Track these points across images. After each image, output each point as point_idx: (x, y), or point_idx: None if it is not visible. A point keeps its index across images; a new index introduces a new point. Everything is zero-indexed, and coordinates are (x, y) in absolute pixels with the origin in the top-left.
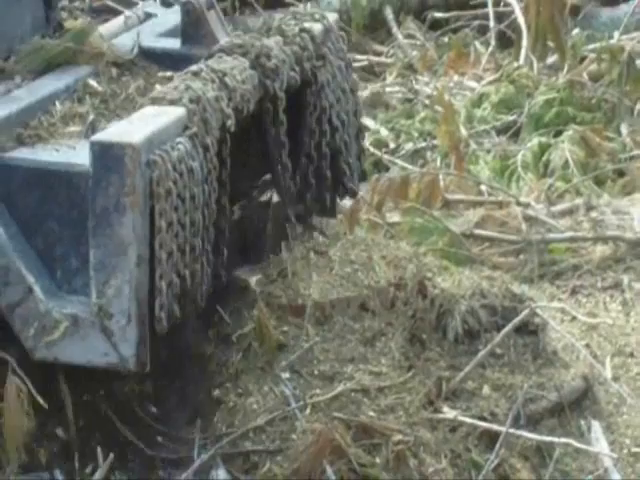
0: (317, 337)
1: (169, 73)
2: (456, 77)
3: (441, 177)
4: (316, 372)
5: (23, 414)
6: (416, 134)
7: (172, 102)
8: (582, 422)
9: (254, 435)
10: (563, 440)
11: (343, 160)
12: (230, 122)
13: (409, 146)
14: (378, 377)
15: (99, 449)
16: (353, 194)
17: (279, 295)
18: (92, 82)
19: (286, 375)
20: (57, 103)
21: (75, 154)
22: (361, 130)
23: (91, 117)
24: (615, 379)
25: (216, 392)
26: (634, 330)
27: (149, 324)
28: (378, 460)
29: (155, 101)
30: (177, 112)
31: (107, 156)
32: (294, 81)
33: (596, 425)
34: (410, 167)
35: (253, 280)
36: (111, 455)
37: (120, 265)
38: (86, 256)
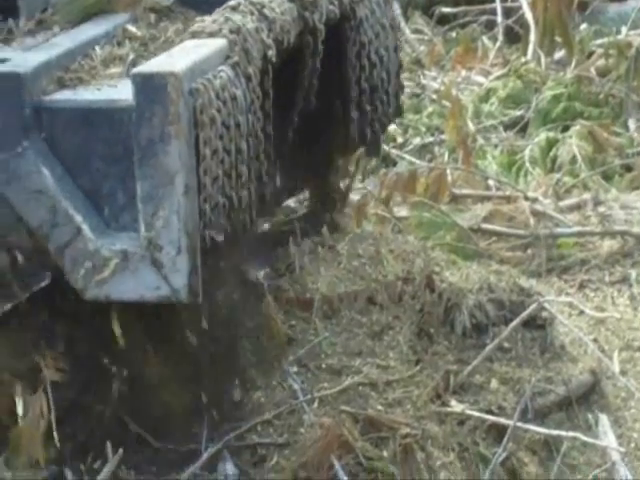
0: (325, 331)
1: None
2: (464, 72)
3: (449, 172)
4: (324, 366)
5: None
6: (424, 129)
7: (212, 34)
8: (590, 416)
9: (262, 429)
10: (571, 434)
11: (378, 97)
12: (271, 52)
13: (417, 141)
14: (386, 371)
15: (108, 444)
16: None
17: (287, 289)
18: (131, 27)
19: (294, 369)
20: (97, 48)
21: (117, 91)
22: (401, 66)
23: (131, 57)
24: (623, 373)
25: (224, 386)
26: None
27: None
28: (386, 453)
29: (195, 35)
30: (218, 43)
31: (149, 87)
32: (333, 15)
33: (604, 419)
34: (418, 162)
35: (261, 274)
36: (120, 451)
37: (167, 195)
38: (133, 192)
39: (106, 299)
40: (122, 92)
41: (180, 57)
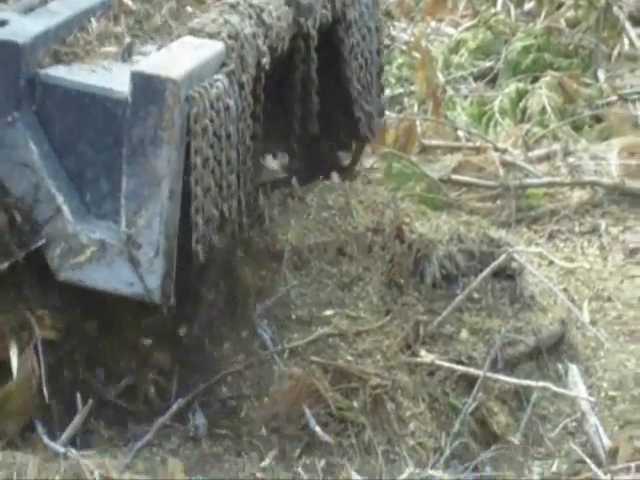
0: (295, 282)
1: None
2: (433, 23)
3: (418, 123)
4: (293, 317)
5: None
6: (393, 80)
7: (211, 35)
8: (560, 366)
9: (232, 380)
10: (541, 384)
11: (364, 99)
12: (265, 60)
13: (386, 92)
14: (355, 321)
15: (78, 395)
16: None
17: (257, 240)
18: (126, 0)
19: (263, 320)
20: (93, 20)
21: (112, 78)
22: (382, 69)
23: (127, 39)
24: (592, 323)
25: (192, 339)
26: (611, 274)
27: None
28: (356, 404)
29: (194, 32)
30: (216, 47)
31: (147, 88)
32: (325, 19)
33: (573, 369)
34: (387, 113)
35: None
36: (90, 401)
37: (152, 197)
38: (117, 182)
39: (79, 283)
40: (117, 80)
41: (179, 59)
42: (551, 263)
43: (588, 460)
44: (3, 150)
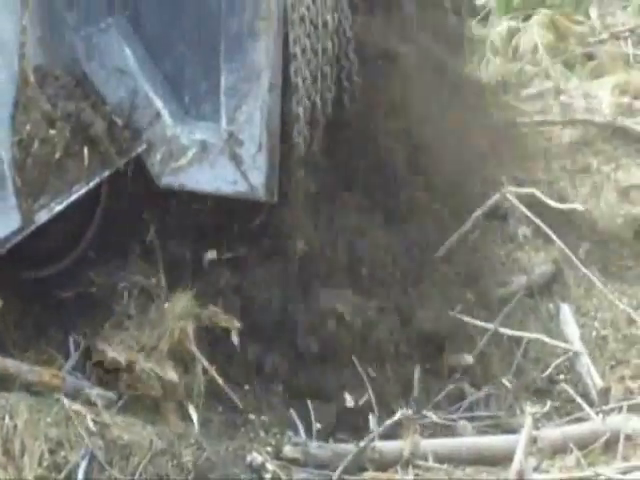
0: None
1: None
2: None
3: None
4: None
5: None
6: None
7: None
8: (551, 305)
9: None
10: (534, 335)
11: None
12: None
13: None
14: None
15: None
16: None
17: None
18: None
19: None
20: None
21: None
22: None
23: None
24: (586, 263)
25: None
26: (604, 214)
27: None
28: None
29: None
30: None
31: None
32: None
33: (565, 308)
34: None
35: None
36: (82, 344)
37: (252, 91)
38: (216, 81)
39: (180, 188)
40: None
41: None
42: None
43: (579, 399)
44: (98, 57)
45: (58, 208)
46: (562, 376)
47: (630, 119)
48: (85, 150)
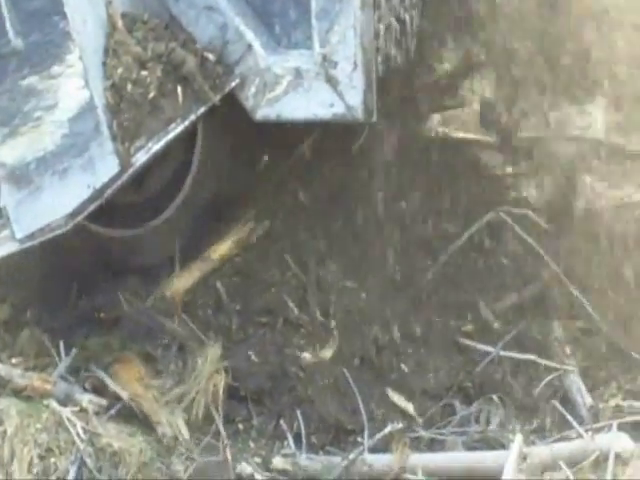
0: None
1: None
2: None
3: None
4: None
5: None
6: None
7: None
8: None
9: None
10: (527, 356)
11: None
12: None
13: None
14: None
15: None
16: None
17: None
18: None
19: None
20: None
21: None
22: None
23: None
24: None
25: None
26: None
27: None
28: None
29: None
30: None
31: None
32: None
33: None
34: None
35: None
36: (73, 350)
37: (344, 10)
38: (306, 7)
39: (277, 118)
40: None
41: None
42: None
43: (569, 417)
44: None
45: (155, 147)
46: (552, 394)
47: (624, 137)
48: (179, 88)
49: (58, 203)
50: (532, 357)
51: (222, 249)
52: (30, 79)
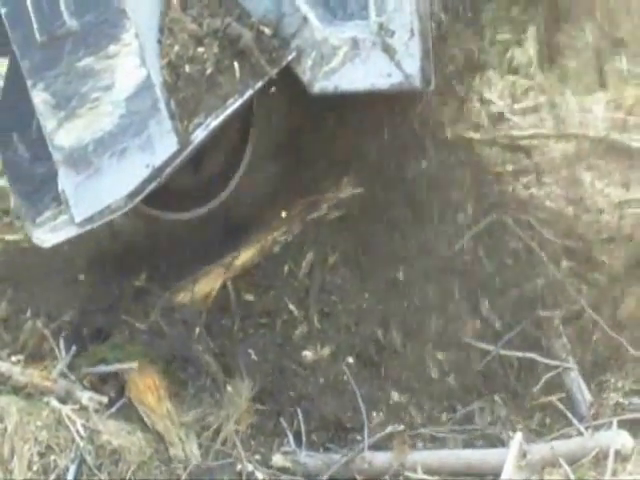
0: None
1: None
2: None
3: None
4: None
5: None
6: None
7: None
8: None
9: None
10: (528, 355)
11: None
12: None
13: None
14: None
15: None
16: None
17: None
18: None
19: None
20: None
21: None
22: None
23: None
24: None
25: None
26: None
27: None
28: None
29: None
30: None
31: None
32: None
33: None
34: None
35: None
36: (73, 348)
37: None
38: None
39: (335, 90)
40: None
41: None
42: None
43: (569, 414)
44: None
45: (214, 123)
46: (552, 391)
47: (624, 134)
48: (235, 63)
49: (117, 184)
50: (533, 355)
51: (245, 256)
52: (86, 60)
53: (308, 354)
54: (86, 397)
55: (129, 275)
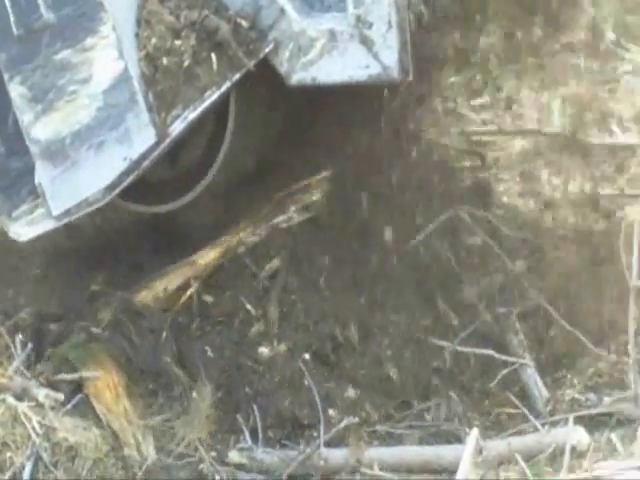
0: None
1: None
2: None
3: None
4: None
5: None
6: None
7: None
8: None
9: None
10: (485, 351)
11: None
12: None
13: None
14: None
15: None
16: None
17: None
18: None
19: None
20: None
21: None
22: None
23: None
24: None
25: None
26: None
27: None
28: None
29: None
30: None
31: None
32: None
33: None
34: None
35: None
36: (29, 346)
37: None
38: None
39: (312, 82)
40: None
41: None
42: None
43: (525, 411)
44: None
45: (192, 116)
46: (509, 388)
47: (581, 130)
48: (213, 55)
49: (94, 177)
50: (489, 352)
51: (210, 256)
52: (64, 53)
53: (264, 350)
54: (42, 394)
55: (88, 274)
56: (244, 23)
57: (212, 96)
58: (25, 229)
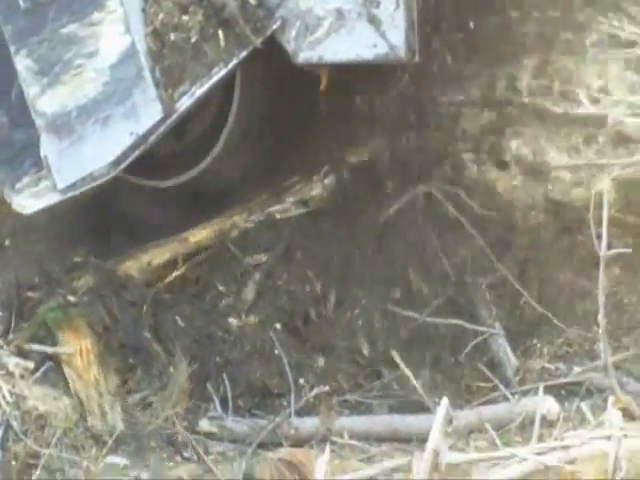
0: None
1: None
2: None
3: None
4: None
5: None
6: None
7: None
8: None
9: None
10: (454, 321)
11: None
12: None
13: None
14: None
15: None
16: None
17: None
18: None
19: None
20: None
21: None
22: None
23: None
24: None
25: None
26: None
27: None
28: None
29: None
30: None
31: None
32: None
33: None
34: None
35: None
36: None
37: None
38: None
39: (319, 60)
40: None
41: None
42: None
43: (495, 380)
44: None
45: (199, 92)
46: (479, 357)
47: (550, 101)
48: (220, 32)
49: (100, 151)
50: (459, 322)
51: (201, 235)
52: (70, 27)
53: (234, 321)
54: (12, 363)
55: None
56: (252, 0)
57: (219, 73)
58: (30, 201)
